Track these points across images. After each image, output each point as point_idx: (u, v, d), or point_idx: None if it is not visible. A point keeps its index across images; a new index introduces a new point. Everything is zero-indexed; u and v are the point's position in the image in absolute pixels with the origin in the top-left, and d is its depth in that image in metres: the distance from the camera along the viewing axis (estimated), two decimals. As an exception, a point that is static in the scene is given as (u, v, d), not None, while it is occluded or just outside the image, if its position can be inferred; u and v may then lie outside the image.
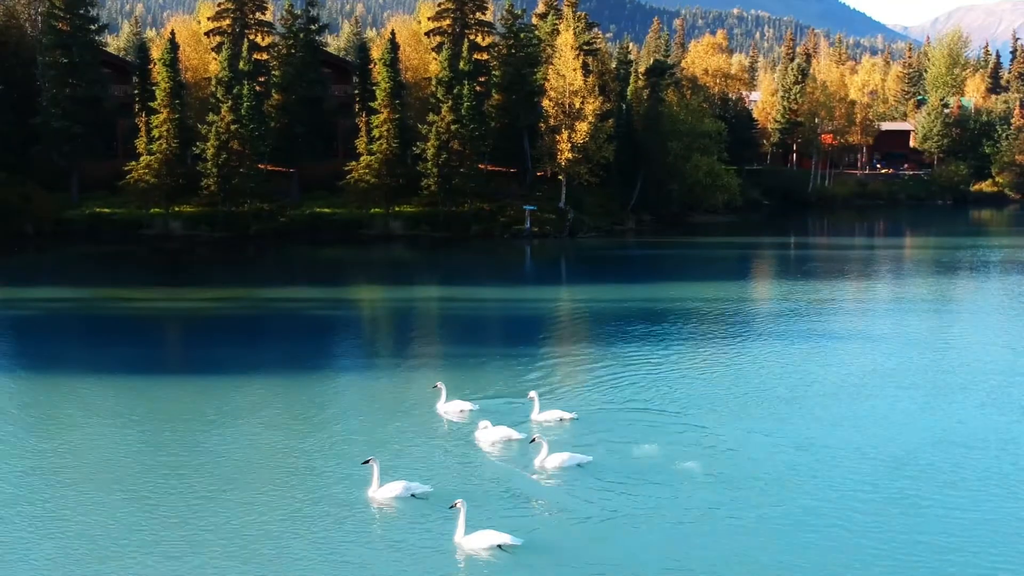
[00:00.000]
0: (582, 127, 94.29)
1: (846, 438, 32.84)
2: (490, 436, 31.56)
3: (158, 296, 64.14)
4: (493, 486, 27.97)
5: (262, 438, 32.89)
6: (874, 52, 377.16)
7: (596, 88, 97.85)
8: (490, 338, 51.41)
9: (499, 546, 23.04)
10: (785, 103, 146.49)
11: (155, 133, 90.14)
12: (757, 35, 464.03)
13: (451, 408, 34.88)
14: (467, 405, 35.11)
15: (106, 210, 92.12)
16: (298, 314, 59.51)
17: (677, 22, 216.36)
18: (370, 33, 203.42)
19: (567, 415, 34.16)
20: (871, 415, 35.71)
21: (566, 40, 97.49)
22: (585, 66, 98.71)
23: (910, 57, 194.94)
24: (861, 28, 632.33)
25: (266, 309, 60.57)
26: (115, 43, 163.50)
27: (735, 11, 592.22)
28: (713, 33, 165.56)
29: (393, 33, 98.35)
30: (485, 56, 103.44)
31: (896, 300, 64.58)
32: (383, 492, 26.11)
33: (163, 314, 58.81)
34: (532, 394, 34.49)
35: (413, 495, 25.98)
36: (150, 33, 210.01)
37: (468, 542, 23.11)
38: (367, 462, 26.74)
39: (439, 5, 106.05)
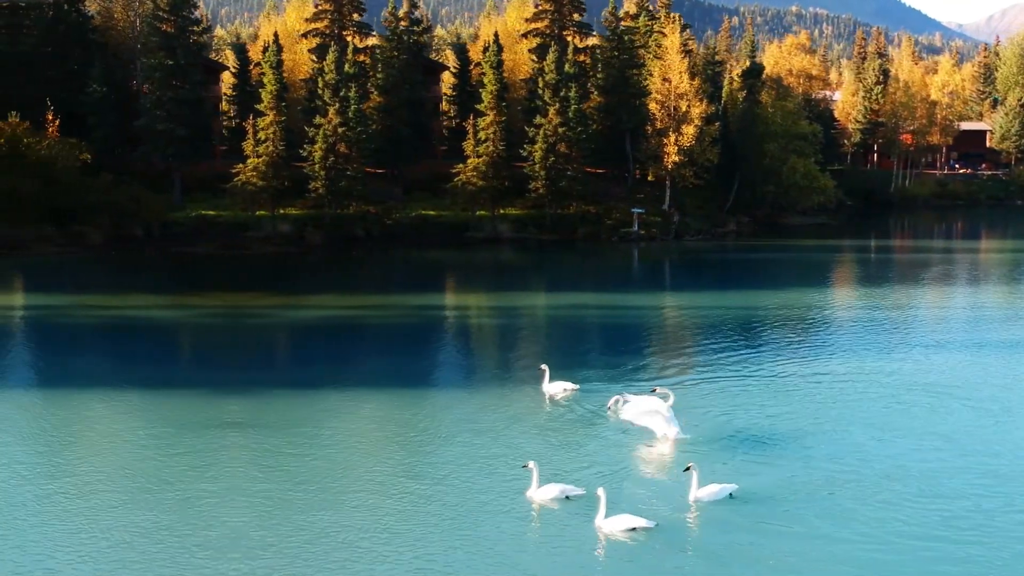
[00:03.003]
0: (688, 130, 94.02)
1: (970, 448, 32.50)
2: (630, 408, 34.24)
3: (272, 303, 63.05)
4: (635, 479, 29.70)
5: (405, 443, 33.60)
6: (933, 50, 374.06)
7: (701, 91, 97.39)
8: (618, 347, 50.68)
9: (634, 528, 25.36)
10: (867, 103, 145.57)
11: (261, 136, 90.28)
12: (815, 32, 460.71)
13: (554, 388, 38.12)
14: (570, 385, 38.37)
15: (211, 212, 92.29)
16: (417, 319, 59.45)
17: (737, 20, 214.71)
18: (439, 31, 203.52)
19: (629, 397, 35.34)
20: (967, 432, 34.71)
21: (672, 43, 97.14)
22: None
23: (985, 57, 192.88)
24: (918, 25, 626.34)
25: (382, 314, 60.63)
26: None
27: (793, 8, 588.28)
28: (775, 32, 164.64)
29: (496, 35, 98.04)
30: (582, 57, 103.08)
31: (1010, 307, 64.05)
32: (541, 493, 27.62)
33: (281, 321, 58.09)
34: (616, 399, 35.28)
35: (567, 497, 27.53)
36: (219, 32, 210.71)
37: (607, 524, 25.51)
38: (526, 466, 28.07)
39: (536, 7, 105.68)
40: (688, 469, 27.53)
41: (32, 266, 79.01)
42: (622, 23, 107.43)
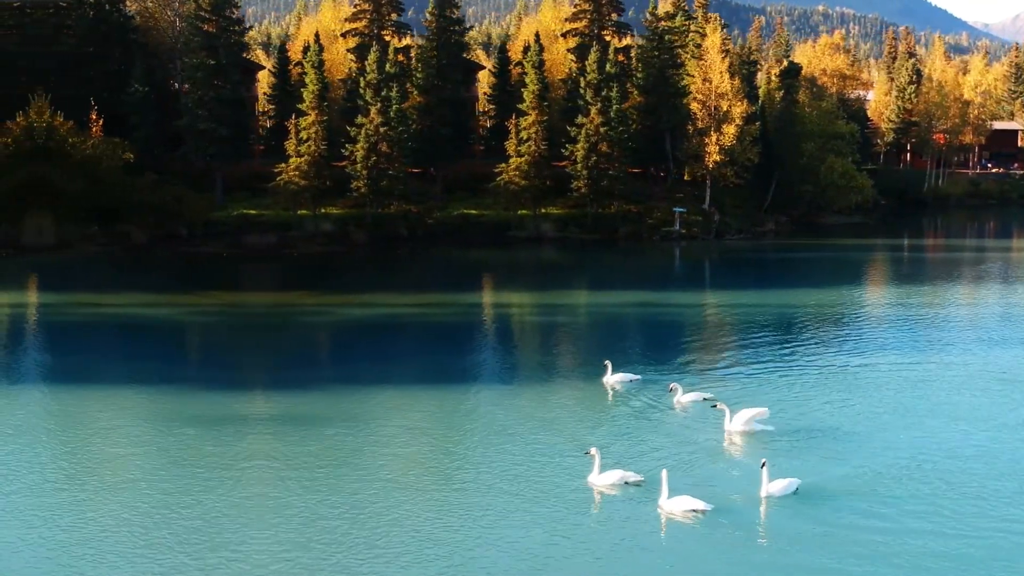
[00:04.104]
0: (729, 130, 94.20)
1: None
2: (683, 399, 36.13)
3: (320, 301, 63.39)
4: (696, 466, 30.25)
5: (465, 433, 34.33)
6: (959, 50, 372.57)
7: (740, 90, 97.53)
8: (670, 343, 50.81)
9: (694, 510, 26.30)
10: (900, 103, 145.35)
11: (303, 135, 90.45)
12: (842, 31, 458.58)
13: (616, 380, 38.98)
14: (632, 376, 39.42)
15: (253, 211, 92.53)
16: (465, 316, 60.19)
17: (764, 19, 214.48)
18: (473, 33, 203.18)
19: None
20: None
21: (713, 43, 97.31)
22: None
23: (1016, 56, 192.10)
24: (944, 25, 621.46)
25: (430, 311, 61.07)
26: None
27: (820, 8, 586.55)
28: (802, 31, 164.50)
29: (537, 35, 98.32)
30: (620, 57, 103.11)
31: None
32: (602, 479, 28.37)
33: (330, 319, 58.27)
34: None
35: (627, 483, 28.28)
36: (252, 32, 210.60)
37: (669, 505, 26.52)
38: (588, 452, 28.72)
39: (575, 6, 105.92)
40: (763, 465, 27.64)
41: (71, 264, 79.74)
42: (660, 23, 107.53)
